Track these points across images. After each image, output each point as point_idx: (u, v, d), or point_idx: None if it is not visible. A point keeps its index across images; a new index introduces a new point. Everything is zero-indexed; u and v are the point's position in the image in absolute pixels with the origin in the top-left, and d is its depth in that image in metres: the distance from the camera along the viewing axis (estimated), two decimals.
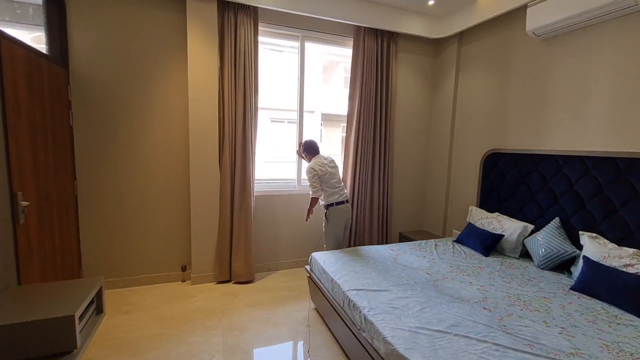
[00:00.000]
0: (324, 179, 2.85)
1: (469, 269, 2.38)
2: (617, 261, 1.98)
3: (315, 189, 2.81)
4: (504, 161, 2.94)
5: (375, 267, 2.37)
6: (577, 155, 2.38)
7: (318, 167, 2.83)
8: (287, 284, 3.12)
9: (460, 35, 3.43)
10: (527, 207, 2.74)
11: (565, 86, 2.49)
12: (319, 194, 2.84)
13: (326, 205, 2.91)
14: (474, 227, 2.91)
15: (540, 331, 1.61)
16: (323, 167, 2.85)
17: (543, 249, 2.40)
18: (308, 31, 3.28)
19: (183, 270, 3.10)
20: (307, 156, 3.00)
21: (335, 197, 2.87)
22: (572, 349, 1.47)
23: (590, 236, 2.21)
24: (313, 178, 2.81)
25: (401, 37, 3.53)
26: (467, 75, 3.41)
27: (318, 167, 2.82)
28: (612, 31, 2.20)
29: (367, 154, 3.49)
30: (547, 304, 1.89)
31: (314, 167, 2.82)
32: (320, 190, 2.84)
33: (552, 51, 2.57)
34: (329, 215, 2.88)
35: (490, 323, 1.66)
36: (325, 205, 2.91)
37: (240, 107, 2.98)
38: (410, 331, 1.58)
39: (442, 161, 3.70)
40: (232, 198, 3.07)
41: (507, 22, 2.91)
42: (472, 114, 3.35)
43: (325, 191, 2.88)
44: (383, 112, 3.50)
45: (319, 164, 2.85)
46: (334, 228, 2.90)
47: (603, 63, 2.25)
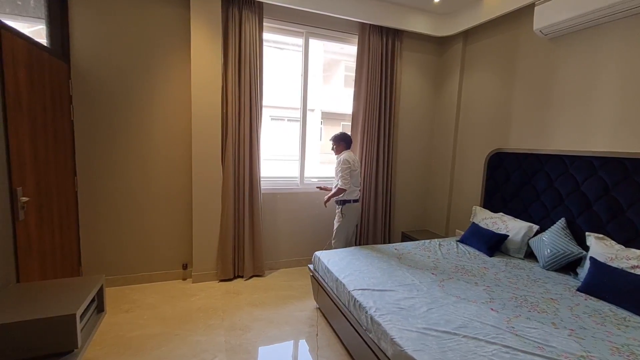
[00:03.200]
0: (354, 174, 2.86)
1: (474, 269, 2.36)
2: (625, 262, 1.96)
3: (346, 180, 2.79)
4: (509, 161, 2.92)
5: (380, 266, 2.34)
6: (584, 156, 2.36)
7: (352, 160, 2.84)
8: (289, 282, 3.09)
9: (465, 34, 3.40)
10: (532, 208, 2.72)
11: (572, 86, 2.47)
12: (349, 186, 2.81)
13: (343, 201, 2.89)
14: (478, 227, 2.89)
15: (549, 333, 1.59)
16: (355, 162, 2.87)
17: (549, 249, 2.38)
18: (313, 27, 3.25)
19: (184, 268, 3.07)
20: (341, 147, 2.93)
21: (354, 195, 2.90)
22: (583, 352, 1.45)
23: (597, 237, 2.19)
24: (346, 170, 2.79)
25: (406, 35, 3.50)
26: (471, 74, 3.39)
27: (352, 160, 2.84)
28: (620, 30, 2.18)
29: (372, 153, 3.46)
30: (554, 305, 1.87)
31: (348, 159, 2.82)
32: (350, 184, 2.81)
33: (559, 50, 2.55)
34: (345, 211, 2.89)
35: (499, 324, 1.64)
36: (342, 201, 2.89)
37: (245, 105, 2.95)
38: (418, 332, 1.55)
39: (445, 160, 3.68)
40: (235, 196, 3.04)
41: (514, 20, 2.89)
42: (477, 113, 3.33)
43: (350, 187, 2.86)
44: (387, 111, 3.48)
45: (352, 158, 2.87)
46: (348, 224, 2.92)
47: (611, 62, 2.23)
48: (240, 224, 3.08)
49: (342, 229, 2.91)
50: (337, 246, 2.91)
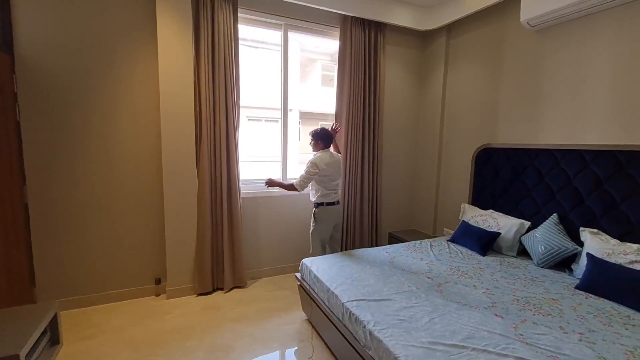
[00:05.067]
0: (323, 180, 2.65)
1: (469, 270, 2.26)
2: (623, 258, 1.91)
3: (304, 184, 2.60)
4: (497, 156, 2.86)
5: (373, 272, 2.19)
6: (575, 149, 2.31)
7: (323, 165, 2.60)
8: (273, 293, 2.88)
9: (449, 28, 3.33)
10: (523, 204, 2.66)
11: (561, 78, 2.43)
12: (302, 190, 2.63)
13: (316, 204, 2.71)
14: (469, 226, 2.80)
15: (559, 339, 1.48)
16: (329, 167, 2.62)
17: (542, 246, 2.32)
18: (292, 19, 3.05)
19: (157, 283, 2.78)
20: (319, 145, 2.71)
21: (329, 198, 2.69)
22: (597, 359, 1.35)
23: (592, 232, 2.14)
24: (312, 175, 2.59)
25: (388, 28, 3.38)
26: (456, 68, 3.31)
27: (322, 166, 2.59)
28: (610, 21, 2.14)
29: (357, 152, 3.31)
30: (557, 306, 1.78)
31: (318, 164, 2.59)
32: (306, 188, 2.64)
33: (547, 42, 2.50)
34: (318, 215, 2.68)
35: (506, 332, 1.52)
36: (317, 203, 2.71)
37: (221, 102, 2.71)
38: (423, 348, 1.40)
39: (431, 157, 3.59)
40: (212, 201, 2.79)
41: (499, 12, 2.83)
42: (462, 109, 3.26)
43: (320, 190, 2.68)
44: (371, 108, 3.34)
45: (326, 162, 2.62)
46: (322, 229, 2.71)
47: (601, 54, 2.19)
48: (218, 232, 2.84)
49: (315, 234, 2.71)
50: (315, 252, 2.71)
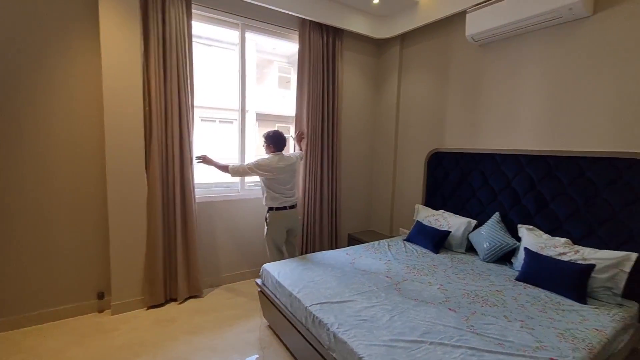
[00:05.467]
0: (271, 183, 2.62)
1: (424, 267, 2.38)
2: (553, 250, 2.15)
3: (238, 173, 2.61)
4: (447, 160, 3.06)
5: (334, 274, 2.21)
6: (512, 154, 2.56)
7: (273, 167, 2.56)
8: (233, 300, 2.78)
9: (402, 37, 3.50)
10: (470, 204, 2.88)
11: (500, 89, 2.67)
12: (234, 175, 2.65)
13: (268, 208, 2.67)
14: (423, 225, 2.96)
15: (504, 327, 1.62)
16: (275, 170, 2.58)
17: (487, 242, 2.53)
18: (249, 20, 2.99)
19: (100, 298, 2.54)
20: (270, 148, 2.67)
21: (278, 202, 2.63)
22: (537, 343, 1.50)
23: (528, 228, 2.39)
24: (248, 169, 2.56)
25: (346, 34, 3.45)
26: (409, 76, 3.49)
27: (266, 167, 2.55)
28: (537, 40, 2.41)
29: (316, 156, 3.33)
30: (501, 297, 1.95)
31: (260, 164, 2.55)
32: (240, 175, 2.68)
33: (489, 56, 2.74)
34: (269, 219, 2.65)
35: (459, 325, 1.63)
36: (268, 208, 2.67)
37: (173, 102, 2.56)
38: (386, 346, 1.45)
39: (387, 161, 3.74)
40: (164, 206, 2.62)
41: (448, 27, 3.03)
42: (415, 115, 3.44)
43: (268, 193, 2.64)
44: (330, 112, 3.38)
45: (271, 166, 2.57)
46: (274, 233, 2.66)
47: (533, 68, 2.45)
48: (171, 239, 2.67)
49: (268, 238, 2.67)
50: (272, 256, 2.67)
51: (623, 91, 2.02)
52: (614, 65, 2.06)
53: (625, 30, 2.00)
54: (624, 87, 2.02)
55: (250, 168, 2.57)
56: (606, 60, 2.09)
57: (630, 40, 1.99)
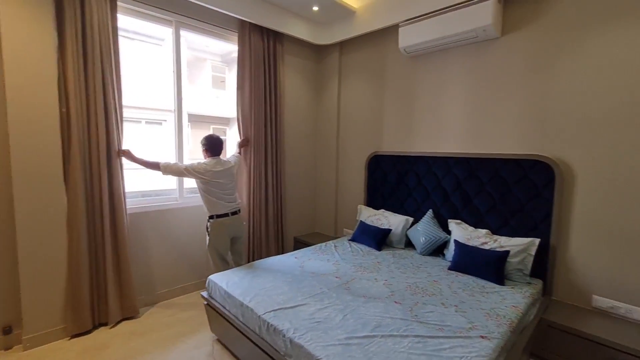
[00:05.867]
0: (208, 189, 2.52)
1: (369, 265, 2.51)
2: (477, 241, 2.45)
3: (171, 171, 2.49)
4: (385, 162, 3.28)
5: (285, 279, 2.21)
6: (441, 157, 2.85)
7: (209, 170, 2.47)
8: (175, 316, 2.58)
9: (341, 44, 3.64)
10: (407, 203, 3.11)
11: (429, 97, 2.95)
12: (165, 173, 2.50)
13: (209, 217, 2.57)
14: (366, 225, 3.12)
15: (442, 313, 1.80)
16: (212, 174, 2.49)
17: (423, 237, 2.77)
18: (185, 17, 2.82)
19: (6, 333, 2.14)
20: (206, 152, 2.61)
21: (218, 209, 2.55)
22: (469, 324, 1.70)
23: (456, 223, 2.68)
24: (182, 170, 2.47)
25: (287, 39, 3.47)
26: (349, 82, 3.65)
27: (201, 170, 2.46)
28: (462, 55, 2.72)
29: (260, 159, 3.27)
30: (438, 286, 2.15)
31: (195, 168, 2.46)
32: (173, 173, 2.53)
33: (420, 67, 3.01)
34: (210, 228, 2.55)
35: (405, 316, 1.76)
36: (208, 216, 2.57)
37: (97, 102, 2.29)
38: (342, 345, 1.50)
39: (330, 163, 3.85)
40: (89, 221, 2.33)
41: (384, 37, 3.24)
42: (355, 119, 3.60)
43: (208, 199, 2.53)
44: (273, 115, 3.36)
45: (208, 171, 2.48)
46: (216, 243, 2.57)
47: (456, 80, 2.77)
48: (99, 256, 2.39)
49: (211, 248, 2.57)
50: (216, 267, 2.57)
51: (526, 102, 2.40)
52: (519, 80, 2.43)
53: (526, 51, 2.38)
54: (526, 99, 2.40)
55: (185, 168, 2.47)
56: (513, 75, 2.46)
57: (529, 59, 2.37)
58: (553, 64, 2.27)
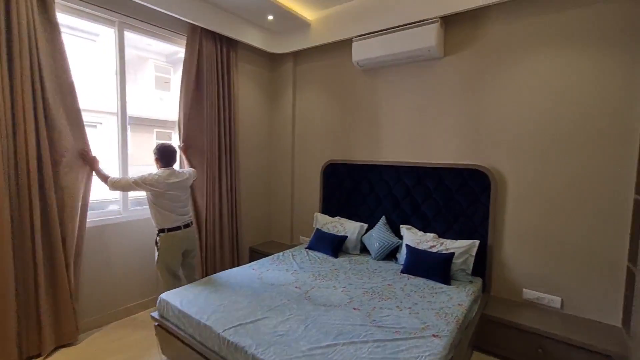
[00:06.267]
0: (161, 202, 2.40)
1: (327, 273, 2.56)
2: (425, 244, 2.64)
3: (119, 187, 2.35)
4: (340, 171, 3.37)
5: (244, 293, 2.16)
6: (392, 165, 3.01)
7: (156, 183, 2.34)
8: (120, 341, 2.37)
9: (296, 54, 3.68)
10: (361, 209, 3.24)
11: (382, 109, 3.11)
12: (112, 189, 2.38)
13: (158, 230, 2.44)
14: (322, 232, 3.17)
15: (398, 316, 1.91)
16: (162, 187, 2.37)
17: (377, 243, 2.90)
18: (129, 18, 2.64)
19: None
20: (157, 162, 2.49)
21: (170, 222, 2.43)
22: (422, 324, 1.82)
23: (407, 228, 2.85)
24: (132, 184, 2.32)
25: (241, 46, 3.42)
26: (304, 91, 3.70)
27: (155, 184, 2.34)
28: (411, 71, 2.92)
29: (214, 168, 3.16)
30: (392, 290, 2.27)
31: (146, 180, 2.33)
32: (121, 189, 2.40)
33: (372, 80, 3.16)
34: (160, 243, 2.42)
35: (364, 322, 1.83)
36: (158, 230, 2.44)
37: (26, 102, 2.04)
38: (305, 356, 1.51)
39: (285, 172, 3.85)
40: (16, 240, 2.05)
41: (339, 50, 3.33)
42: (310, 128, 3.66)
43: (158, 211, 2.41)
44: (227, 123, 3.28)
45: (161, 183, 2.36)
46: (167, 258, 2.44)
47: (406, 94, 2.96)
48: (29, 280, 2.12)
49: (160, 264, 2.44)
50: (166, 285, 2.44)
51: (465, 117, 2.66)
52: (458, 96, 2.68)
53: (464, 71, 2.64)
54: (465, 114, 2.66)
55: (135, 182, 2.32)
56: (454, 92, 2.70)
57: (467, 78, 2.63)
58: (487, 84, 2.55)
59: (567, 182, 2.27)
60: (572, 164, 2.25)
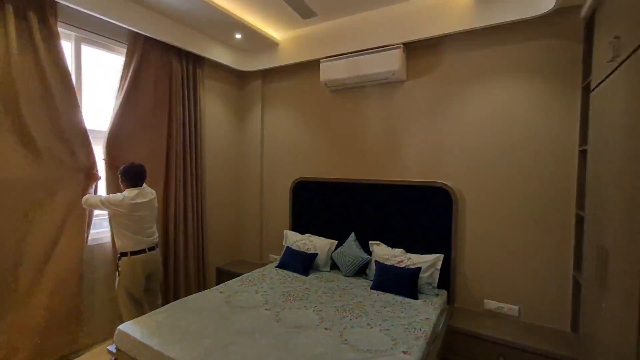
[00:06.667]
0: (127, 224, 2.28)
1: (298, 292, 2.53)
2: (394, 260, 2.71)
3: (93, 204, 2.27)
4: (310, 188, 3.39)
5: (211, 319, 2.07)
6: (362, 183, 3.09)
7: (121, 204, 2.24)
8: None
9: (264, 73, 3.70)
10: (331, 226, 3.26)
11: (350, 128, 3.20)
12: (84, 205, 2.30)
13: (120, 254, 2.32)
14: (292, 250, 3.14)
15: (369, 335, 1.92)
16: (127, 207, 2.26)
17: (347, 259, 2.93)
18: (86, 32, 2.52)
19: None
20: (124, 184, 2.36)
21: (134, 245, 2.32)
22: (392, 341, 1.85)
23: (376, 244, 2.91)
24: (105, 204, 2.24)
25: (207, 63, 3.38)
26: (272, 109, 3.71)
27: (120, 204, 2.24)
28: (378, 93, 3.03)
29: (179, 186, 3.05)
30: (363, 308, 2.29)
31: (115, 203, 2.24)
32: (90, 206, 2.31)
33: (340, 100, 3.25)
34: (122, 267, 2.30)
35: (335, 342, 1.83)
36: (120, 253, 2.32)
37: None
38: None
39: (254, 189, 3.80)
40: None
41: (308, 69, 3.39)
42: (279, 146, 3.66)
43: (123, 234, 2.29)
44: (193, 140, 3.19)
45: (126, 204, 2.26)
46: (129, 284, 2.32)
47: (374, 114, 3.07)
48: None
49: (121, 291, 2.30)
50: (127, 315, 2.29)
51: (428, 138, 2.81)
52: (421, 118, 2.84)
53: (425, 95, 2.81)
54: (428, 135, 2.81)
55: (101, 201, 2.25)
56: (417, 114, 2.85)
57: (428, 102, 2.80)
58: (445, 107, 2.73)
59: (519, 198, 2.46)
60: (522, 181, 2.45)
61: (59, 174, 2.31)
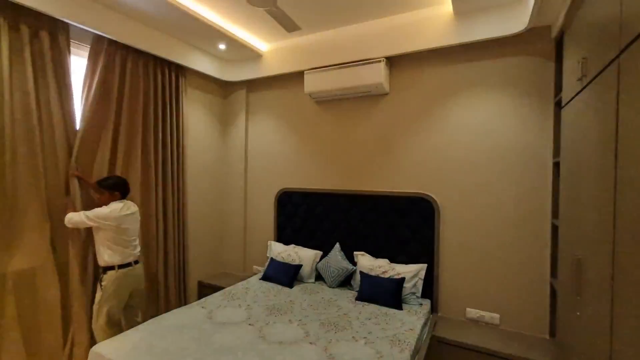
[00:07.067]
0: (115, 237, 2.24)
1: (282, 306, 2.49)
2: (378, 270, 2.72)
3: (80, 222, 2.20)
4: (295, 198, 3.38)
5: (192, 336, 2.01)
6: (347, 194, 3.10)
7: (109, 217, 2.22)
8: None
9: (248, 83, 3.68)
10: (316, 236, 3.25)
11: (335, 138, 3.21)
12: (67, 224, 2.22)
13: (104, 268, 2.25)
14: (277, 262, 3.10)
15: (355, 349, 1.91)
16: (115, 220, 2.23)
17: (332, 270, 2.92)
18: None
19: None
20: (111, 196, 2.33)
21: (122, 258, 2.28)
22: (377, 355, 1.84)
23: (360, 254, 2.92)
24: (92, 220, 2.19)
25: (189, 72, 3.34)
26: (257, 119, 3.69)
27: (107, 217, 2.22)
28: (363, 104, 3.06)
29: (159, 197, 2.97)
30: (348, 320, 2.28)
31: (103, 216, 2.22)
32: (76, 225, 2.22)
33: (325, 111, 3.27)
34: (106, 282, 2.22)
35: (321, 357, 1.81)
36: (104, 268, 2.25)
37: None
38: None
39: (238, 199, 3.75)
40: None
41: (292, 80, 3.40)
42: (264, 156, 3.64)
43: (109, 247, 2.24)
44: (175, 149, 3.13)
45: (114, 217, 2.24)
46: (112, 300, 2.25)
47: (359, 126, 3.08)
48: None
49: (102, 308, 2.22)
50: (103, 333, 2.22)
51: (411, 149, 2.86)
52: (404, 131, 2.89)
53: (407, 108, 2.87)
54: (410, 147, 2.86)
55: (87, 216, 2.20)
56: (400, 126, 2.90)
57: (409, 115, 2.86)
58: (426, 120, 2.79)
59: (498, 208, 2.54)
60: (501, 192, 2.53)
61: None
